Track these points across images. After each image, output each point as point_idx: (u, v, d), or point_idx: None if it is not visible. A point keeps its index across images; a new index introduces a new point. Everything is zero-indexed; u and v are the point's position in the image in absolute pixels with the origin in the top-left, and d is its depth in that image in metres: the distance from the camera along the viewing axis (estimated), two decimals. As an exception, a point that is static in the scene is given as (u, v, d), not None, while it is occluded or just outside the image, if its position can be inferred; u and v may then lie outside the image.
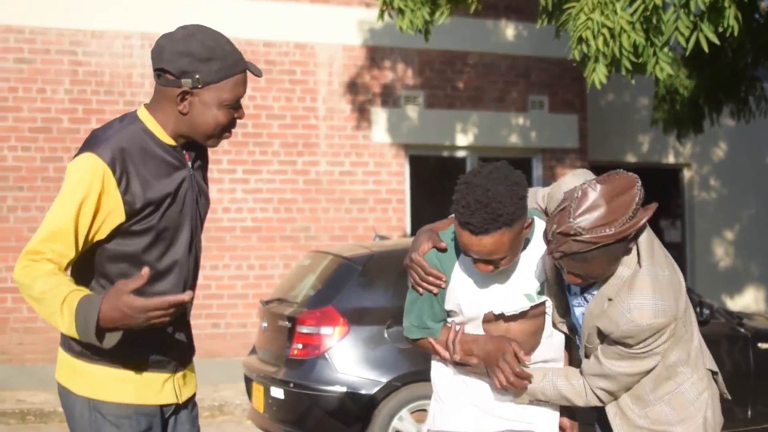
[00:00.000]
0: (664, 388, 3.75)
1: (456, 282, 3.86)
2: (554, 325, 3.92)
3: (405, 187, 14.87)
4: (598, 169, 4.20)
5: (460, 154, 15.42)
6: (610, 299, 3.62)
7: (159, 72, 3.60)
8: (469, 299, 3.84)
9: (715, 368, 3.97)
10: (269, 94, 13.92)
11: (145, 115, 3.69)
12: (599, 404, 3.82)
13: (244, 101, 5.81)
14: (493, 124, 15.25)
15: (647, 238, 3.67)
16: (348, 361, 8.30)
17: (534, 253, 3.86)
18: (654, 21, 8.44)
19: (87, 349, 3.61)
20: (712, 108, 14.00)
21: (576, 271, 3.53)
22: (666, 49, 8.74)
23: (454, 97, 15.21)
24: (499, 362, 3.77)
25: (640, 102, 17.07)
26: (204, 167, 3.95)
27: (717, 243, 18.02)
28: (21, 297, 9.82)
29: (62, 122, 13.21)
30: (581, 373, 3.81)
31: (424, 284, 3.86)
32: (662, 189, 17.53)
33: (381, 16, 10.56)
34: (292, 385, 8.37)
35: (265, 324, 9.14)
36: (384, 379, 8.28)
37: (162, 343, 3.75)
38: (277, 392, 8.49)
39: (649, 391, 3.76)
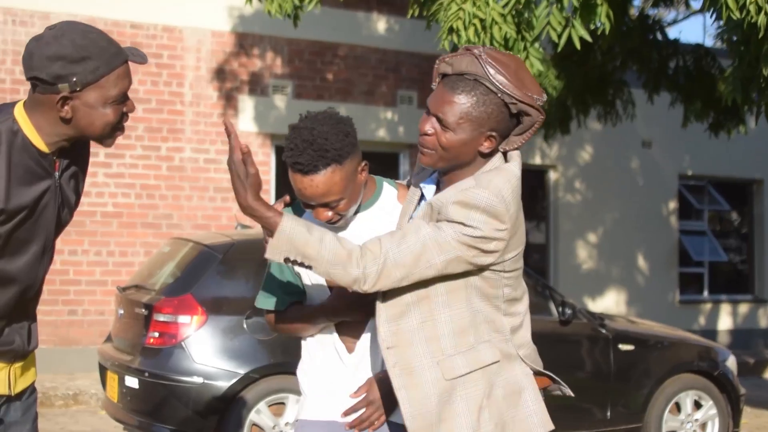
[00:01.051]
0: (462, 338, 3.52)
1: None
2: None
3: (270, 177, 14.74)
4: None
5: (328, 146, 15.34)
6: None
7: (33, 81, 3.36)
8: None
9: (538, 368, 3.70)
10: (135, 77, 13.51)
11: (21, 115, 3.44)
12: (367, 281, 3.38)
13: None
14: (362, 118, 15.19)
15: (518, 163, 3.55)
16: (205, 351, 8.12)
17: (377, 214, 3.82)
18: (526, 15, 8.45)
19: None
20: (579, 110, 14.17)
21: (437, 109, 3.45)
22: (537, 45, 8.75)
23: (323, 88, 15.12)
24: None
25: (509, 101, 17.16)
26: (79, 174, 3.73)
27: (580, 245, 18.21)
28: None
29: None
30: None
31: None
32: (528, 190, 17.61)
33: (249, 0, 10.39)
34: (147, 374, 8.17)
35: (122, 311, 8.93)
36: (242, 371, 8.12)
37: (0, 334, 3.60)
38: (132, 381, 8.28)
39: (446, 335, 3.51)
